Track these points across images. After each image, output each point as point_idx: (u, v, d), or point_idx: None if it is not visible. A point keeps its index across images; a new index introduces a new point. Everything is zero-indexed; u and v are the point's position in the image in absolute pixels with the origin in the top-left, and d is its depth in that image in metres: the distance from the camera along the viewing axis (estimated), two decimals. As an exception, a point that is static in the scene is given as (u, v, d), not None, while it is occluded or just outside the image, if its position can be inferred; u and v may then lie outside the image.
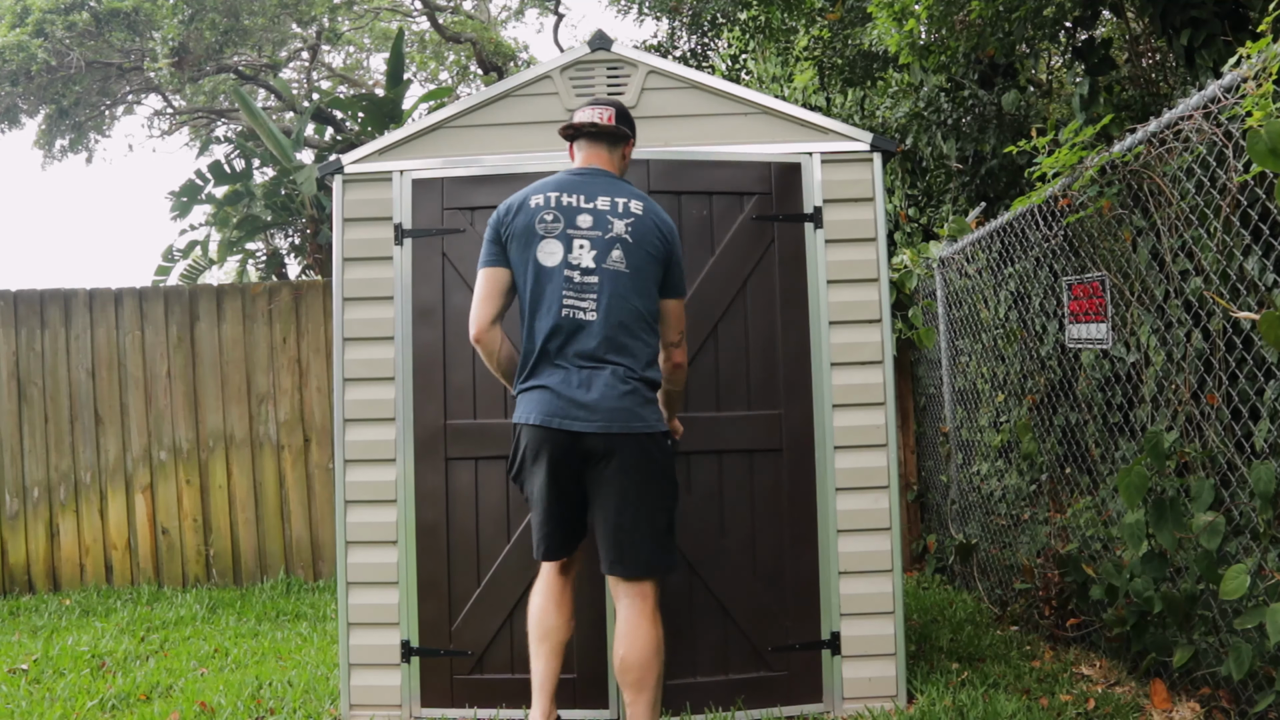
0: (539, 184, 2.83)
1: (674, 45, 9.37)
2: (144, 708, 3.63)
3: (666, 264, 2.78)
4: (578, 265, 2.69)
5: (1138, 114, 4.91)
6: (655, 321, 2.77)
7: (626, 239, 2.71)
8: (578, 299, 2.68)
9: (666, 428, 2.74)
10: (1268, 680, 2.74)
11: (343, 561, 3.51)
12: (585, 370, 2.65)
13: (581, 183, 2.80)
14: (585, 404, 2.62)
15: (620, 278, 2.69)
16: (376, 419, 3.51)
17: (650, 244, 2.74)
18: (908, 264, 5.50)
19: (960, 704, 3.25)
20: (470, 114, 3.58)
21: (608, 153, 2.90)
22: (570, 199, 2.75)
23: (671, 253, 2.79)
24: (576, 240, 2.71)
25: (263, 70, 13.08)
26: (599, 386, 2.63)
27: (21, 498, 6.37)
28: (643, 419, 2.65)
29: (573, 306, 2.68)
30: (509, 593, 3.41)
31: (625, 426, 2.62)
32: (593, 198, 2.77)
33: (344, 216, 3.58)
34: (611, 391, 2.63)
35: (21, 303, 6.46)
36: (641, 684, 2.63)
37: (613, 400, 2.63)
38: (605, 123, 2.86)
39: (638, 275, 2.71)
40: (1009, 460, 4.65)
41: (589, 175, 2.83)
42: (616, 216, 2.74)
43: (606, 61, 3.58)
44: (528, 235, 2.72)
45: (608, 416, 2.62)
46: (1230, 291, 2.91)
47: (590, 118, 2.87)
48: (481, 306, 2.78)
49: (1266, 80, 2.48)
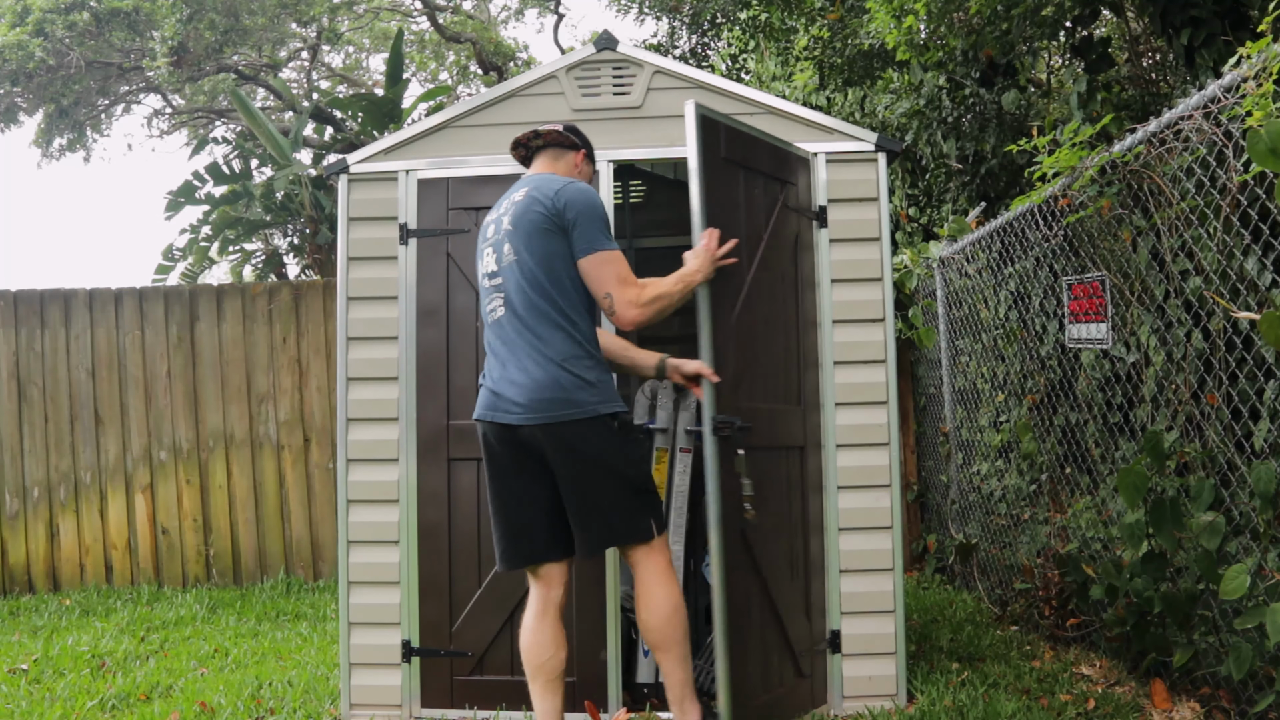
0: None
1: (674, 44, 9.38)
2: (144, 708, 3.63)
3: (561, 230, 2.68)
4: (486, 272, 2.81)
5: (1137, 114, 4.91)
6: (568, 300, 2.68)
7: (510, 229, 2.74)
8: (490, 302, 2.78)
9: (609, 409, 2.67)
10: (1268, 680, 2.74)
11: (344, 561, 3.51)
12: (510, 365, 2.68)
13: (508, 193, 2.87)
14: (513, 398, 2.65)
15: (513, 271, 2.72)
16: (379, 419, 3.51)
17: (531, 220, 2.70)
18: (908, 264, 5.50)
19: (960, 704, 3.25)
20: (476, 114, 3.58)
21: (550, 160, 2.93)
22: (494, 215, 2.86)
23: (562, 215, 2.68)
24: (486, 248, 2.82)
25: (262, 70, 13.08)
26: (521, 379, 2.65)
27: (21, 498, 6.37)
28: (573, 404, 2.62)
29: (491, 310, 2.78)
30: (509, 594, 3.41)
31: (550, 416, 2.62)
32: (501, 204, 2.85)
33: (349, 216, 3.58)
34: (533, 382, 2.63)
35: (21, 303, 6.45)
36: (666, 642, 2.70)
37: (537, 391, 2.63)
38: (544, 129, 2.90)
39: (528, 261, 2.69)
40: (1009, 460, 4.65)
41: (519, 183, 2.87)
42: (505, 214, 2.78)
43: (612, 61, 3.58)
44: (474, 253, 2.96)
45: (533, 408, 2.63)
46: (1230, 291, 2.91)
47: (531, 131, 2.93)
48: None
49: (1266, 80, 2.48)
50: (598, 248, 2.69)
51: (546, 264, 2.68)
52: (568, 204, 2.69)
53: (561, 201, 2.69)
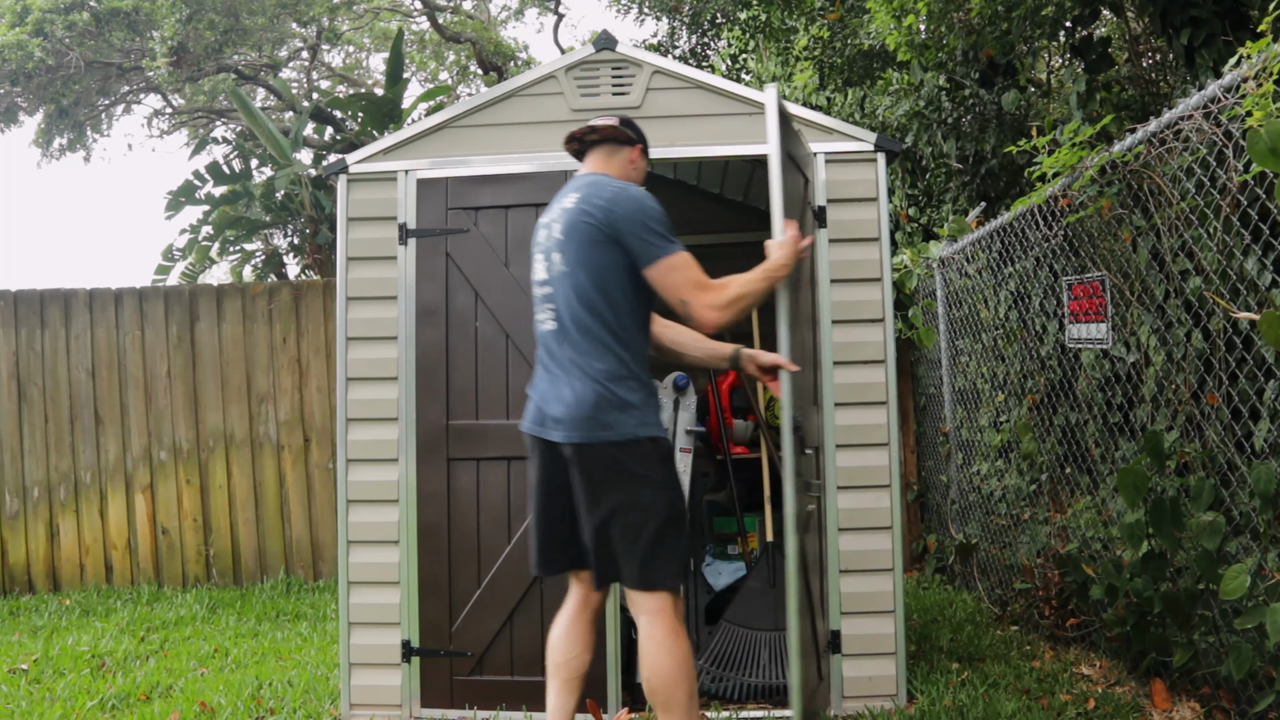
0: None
1: (674, 45, 9.37)
2: (144, 708, 3.63)
3: (614, 241, 2.54)
4: (538, 280, 2.70)
5: (1137, 114, 4.91)
6: (618, 316, 2.56)
7: (560, 238, 2.61)
8: (541, 312, 2.68)
9: (648, 433, 2.52)
10: (1268, 680, 2.74)
11: (344, 561, 3.51)
12: (558, 379, 2.57)
13: (560, 195, 2.74)
14: (554, 415, 2.55)
15: (564, 283, 2.59)
16: (379, 419, 3.52)
17: (581, 232, 2.56)
18: (908, 264, 5.50)
19: (960, 704, 3.25)
20: (475, 114, 3.58)
21: (605, 157, 2.79)
22: (544, 218, 2.75)
23: (614, 227, 2.54)
24: (538, 256, 2.71)
25: (262, 70, 13.08)
26: (565, 395, 2.53)
27: (21, 498, 6.36)
28: (608, 426, 2.48)
29: (540, 319, 2.68)
30: (509, 594, 3.41)
31: (586, 437, 2.49)
32: (552, 208, 2.71)
33: (348, 216, 3.58)
34: (576, 400, 2.51)
35: (21, 303, 6.45)
36: (670, 704, 2.48)
37: (575, 409, 2.50)
38: (600, 124, 2.77)
39: (579, 274, 2.56)
40: (1009, 460, 4.65)
41: (571, 183, 2.74)
42: (555, 219, 2.66)
43: (611, 61, 3.58)
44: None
45: (570, 426, 2.51)
46: (1230, 291, 2.91)
47: (586, 125, 2.80)
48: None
49: (1267, 80, 2.48)
50: (660, 255, 2.53)
51: (598, 277, 2.54)
52: (618, 216, 2.54)
53: (611, 214, 2.55)
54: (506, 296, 3.49)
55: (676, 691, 2.47)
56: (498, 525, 3.45)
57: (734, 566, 4.02)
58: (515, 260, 3.50)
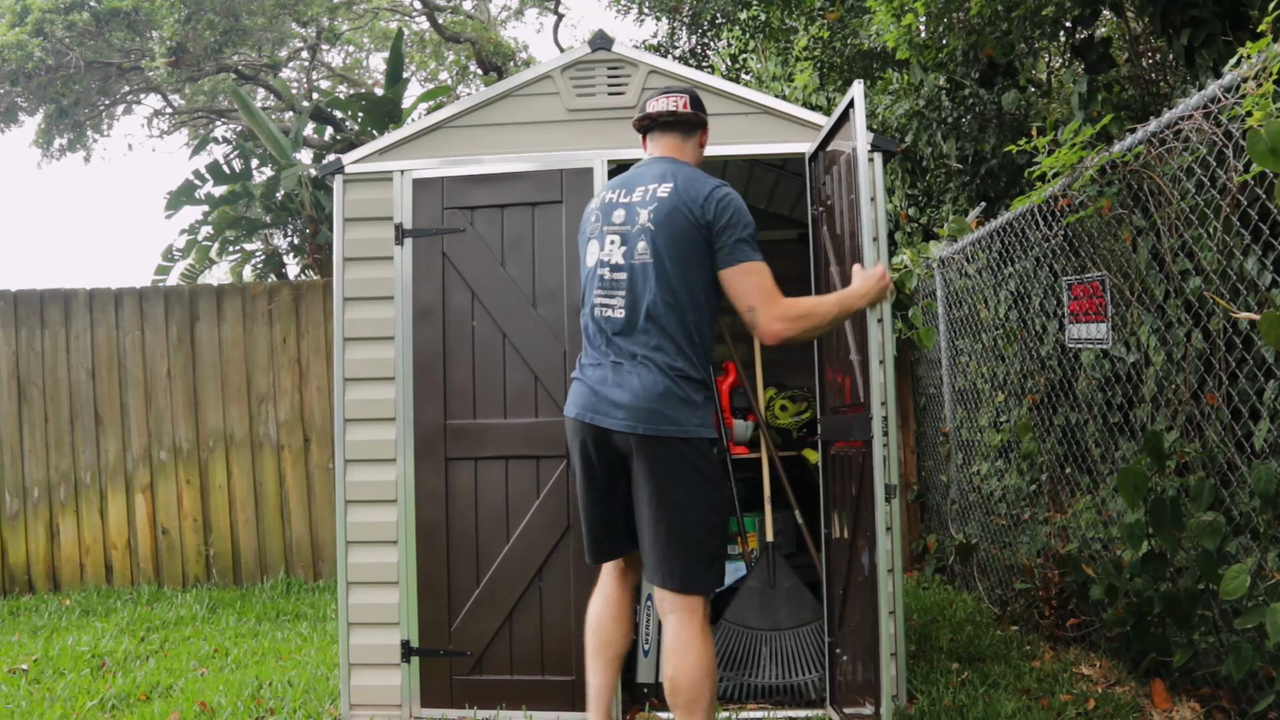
0: (610, 182, 2.81)
1: (674, 45, 9.37)
2: (144, 708, 3.63)
3: (708, 237, 2.54)
4: (608, 262, 2.61)
5: (1137, 114, 4.90)
6: (697, 314, 2.55)
7: (649, 228, 2.56)
8: (607, 297, 2.60)
9: (710, 435, 2.53)
10: (1268, 680, 2.74)
11: (343, 561, 3.51)
12: (621, 367, 2.54)
13: (635, 176, 2.70)
14: (616, 401, 2.51)
15: (646, 270, 2.54)
16: (377, 419, 3.51)
17: (677, 224, 2.54)
18: (908, 264, 5.50)
19: (960, 704, 3.25)
20: (471, 114, 3.58)
21: (680, 141, 2.77)
22: (613, 195, 2.69)
23: (710, 223, 2.54)
24: (609, 236, 2.64)
25: (262, 70, 13.08)
26: (632, 384, 2.51)
27: (21, 498, 6.37)
28: (675, 422, 2.48)
29: (603, 304, 2.60)
30: (508, 593, 3.41)
31: (654, 429, 2.47)
32: (632, 190, 2.66)
33: (344, 216, 3.58)
34: (644, 390, 2.49)
35: (21, 303, 6.45)
36: (693, 706, 2.44)
37: (643, 400, 2.49)
38: (681, 109, 2.74)
39: (666, 264, 2.53)
40: (1009, 460, 4.65)
41: (646, 166, 2.72)
42: (644, 206, 2.60)
43: (607, 61, 3.58)
44: (583, 238, 2.78)
45: (635, 416, 2.48)
46: (1230, 291, 2.91)
47: (664, 106, 2.74)
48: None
49: (1266, 80, 2.48)
50: (744, 258, 2.54)
51: (684, 273, 2.54)
52: (719, 212, 2.54)
53: (712, 210, 2.54)
54: (503, 295, 3.49)
55: (701, 694, 2.44)
56: (496, 525, 3.44)
57: (734, 566, 4.02)
58: (511, 259, 3.50)
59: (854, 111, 2.88)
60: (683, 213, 2.55)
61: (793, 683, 3.57)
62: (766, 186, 5.05)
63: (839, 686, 3.26)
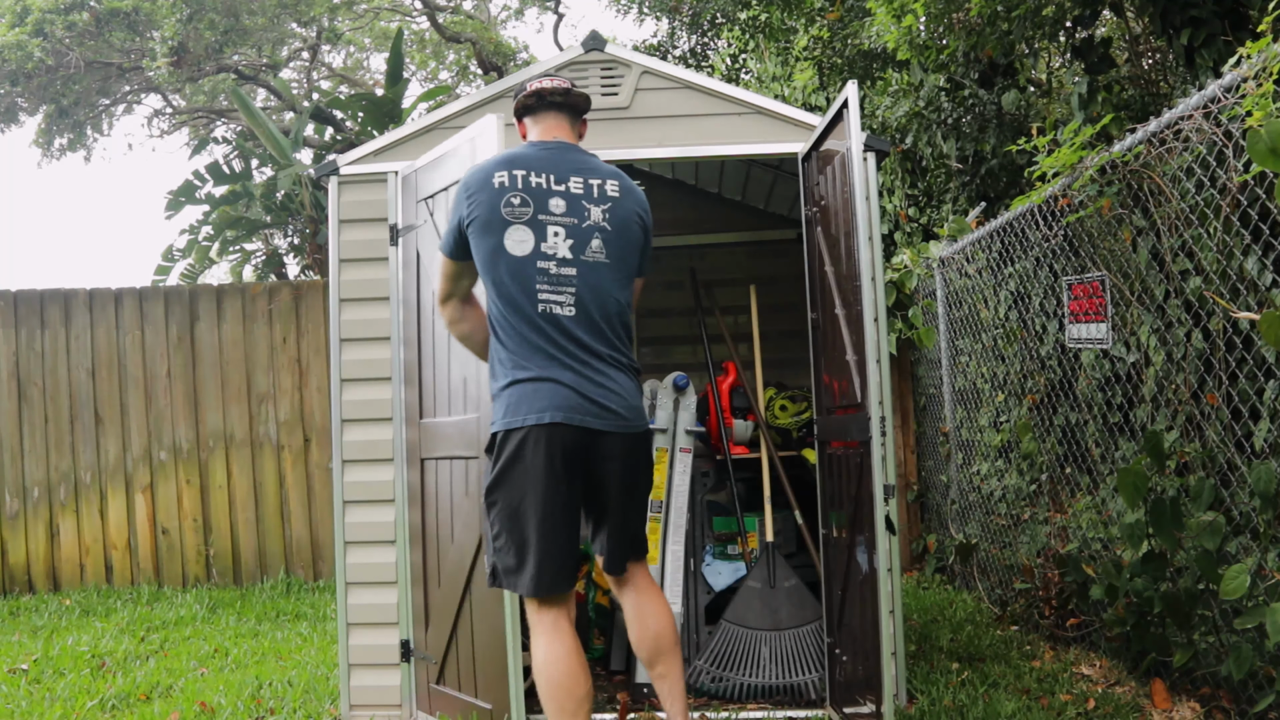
0: (500, 158, 2.54)
1: (674, 45, 9.37)
2: (144, 708, 3.63)
3: (643, 248, 2.65)
4: (554, 256, 2.46)
5: (1137, 114, 4.90)
6: (629, 315, 2.63)
7: (605, 227, 2.51)
8: (554, 293, 2.45)
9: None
10: (1268, 680, 2.74)
11: (342, 561, 3.51)
12: (593, 367, 2.46)
13: (549, 159, 2.54)
14: (610, 405, 2.46)
15: (600, 270, 2.49)
16: (374, 419, 3.51)
17: (632, 230, 2.58)
18: (908, 264, 5.49)
19: (960, 704, 3.25)
20: (465, 115, 3.58)
21: (570, 125, 2.66)
22: (539, 179, 2.50)
23: (649, 235, 2.66)
24: (550, 227, 2.47)
25: (262, 70, 13.08)
26: (618, 385, 2.49)
27: (21, 498, 6.37)
28: (644, 415, 2.66)
29: (549, 301, 2.45)
30: (451, 601, 3.23)
31: (640, 426, 2.60)
32: (564, 178, 2.52)
33: (340, 217, 3.58)
34: (629, 390, 2.53)
35: (21, 303, 6.45)
36: (676, 646, 2.65)
37: (633, 398, 2.55)
38: (573, 88, 2.64)
39: (618, 266, 2.54)
40: (1009, 460, 4.64)
41: (557, 150, 2.57)
42: (593, 202, 2.52)
43: (601, 62, 3.57)
44: (491, 220, 2.47)
45: (635, 415, 2.55)
46: (1230, 291, 2.90)
47: (555, 84, 2.62)
48: (441, 284, 2.70)
49: (1266, 80, 2.48)
50: (650, 271, 2.76)
51: (629, 275, 2.61)
52: (651, 224, 2.69)
53: (649, 219, 2.68)
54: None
55: (676, 627, 2.70)
56: (445, 529, 3.29)
57: (734, 566, 4.01)
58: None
59: (848, 112, 2.88)
60: (636, 217, 2.62)
61: (793, 683, 3.57)
62: (764, 186, 5.05)
63: (838, 686, 3.26)
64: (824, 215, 3.35)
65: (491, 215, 2.48)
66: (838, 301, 3.19)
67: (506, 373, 2.48)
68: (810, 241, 3.52)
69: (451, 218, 2.59)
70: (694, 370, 4.57)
